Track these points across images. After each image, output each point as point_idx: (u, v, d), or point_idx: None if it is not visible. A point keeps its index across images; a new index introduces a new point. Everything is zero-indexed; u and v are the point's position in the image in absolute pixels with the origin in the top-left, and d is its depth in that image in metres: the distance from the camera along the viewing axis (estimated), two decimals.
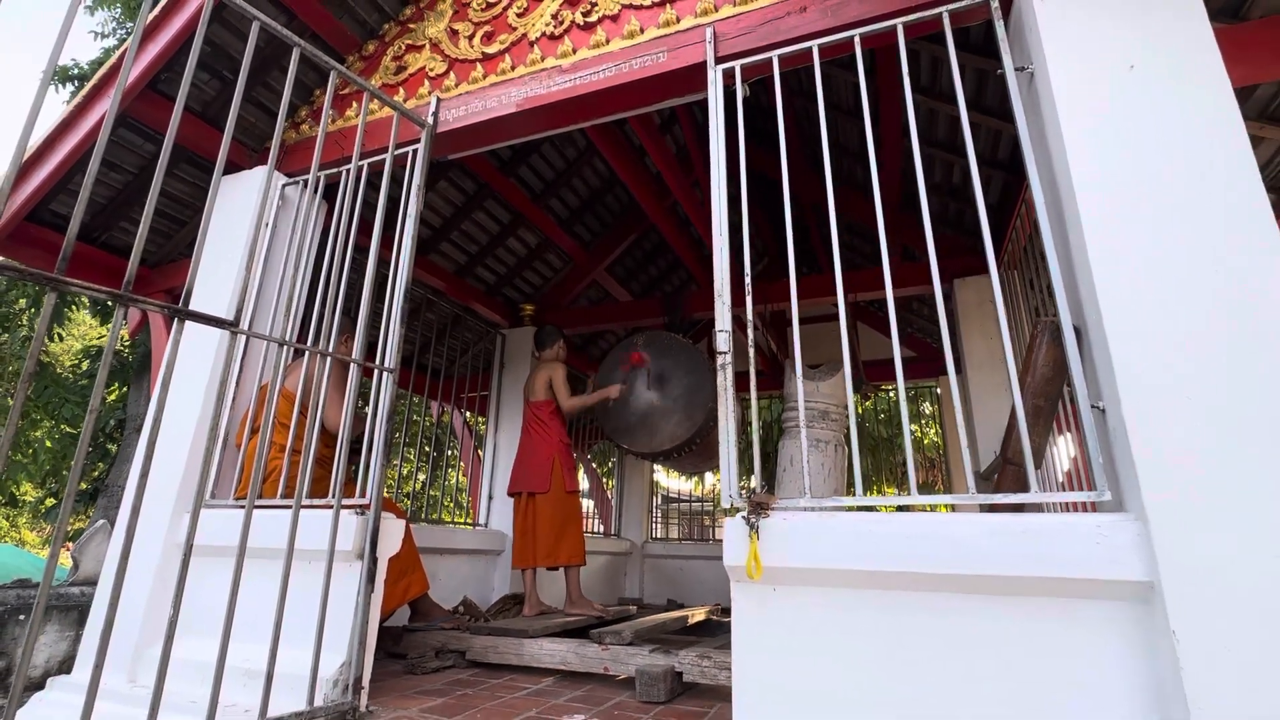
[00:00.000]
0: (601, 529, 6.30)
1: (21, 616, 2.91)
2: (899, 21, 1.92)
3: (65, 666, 2.93)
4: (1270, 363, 1.26)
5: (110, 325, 1.48)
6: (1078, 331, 1.55)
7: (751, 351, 1.80)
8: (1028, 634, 1.35)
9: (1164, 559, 1.22)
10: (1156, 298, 1.38)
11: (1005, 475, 1.64)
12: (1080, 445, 1.69)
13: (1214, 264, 1.35)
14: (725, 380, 1.77)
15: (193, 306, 1.59)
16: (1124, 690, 1.26)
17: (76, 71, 6.73)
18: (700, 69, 2.23)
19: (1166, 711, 1.21)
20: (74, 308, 7.52)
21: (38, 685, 2.55)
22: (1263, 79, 1.73)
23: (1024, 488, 1.48)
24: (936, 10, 1.88)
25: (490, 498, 4.66)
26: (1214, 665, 1.14)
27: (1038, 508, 1.71)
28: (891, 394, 8.00)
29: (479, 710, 2.05)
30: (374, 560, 2.03)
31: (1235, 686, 1.13)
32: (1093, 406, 1.46)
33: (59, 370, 7.45)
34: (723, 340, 1.78)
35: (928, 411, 9.25)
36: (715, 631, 3.76)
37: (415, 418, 6.55)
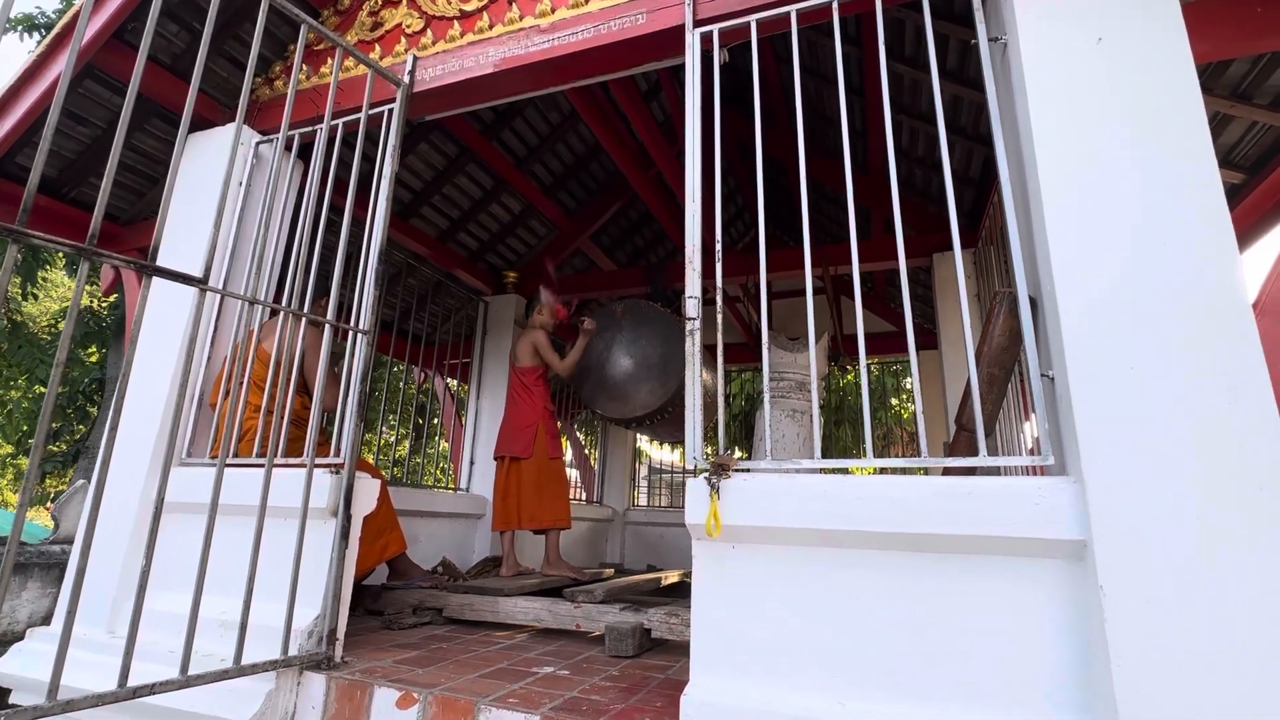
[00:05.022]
0: (584, 496, 6.39)
1: None
2: None
3: (47, 622, 2.98)
4: (1205, 342, 1.31)
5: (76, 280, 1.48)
6: (1035, 302, 1.59)
7: (719, 319, 1.83)
8: (971, 589, 1.42)
9: (1096, 519, 1.28)
10: (1106, 271, 1.42)
11: (959, 441, 1.70)
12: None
13: (1161, 241, 1.39)
14: (693, 347, 1.80)
15: (167, 264, 1.58)
16: (1056, 641, 1.34)
17: (43, 20, 6.48)
18: (679, 32, 2.20)
19: (1091, 659, 1.28)
20: (48, 267, 7.38)
21: (19, 638, 2.60)
22: (1225, 55, 1.74)
23: (974, 452, 1.54)
24: None
25: (471, 463, 4.70)
26: (1134, 616, 1.21)
27: (996, 473, 1.77)
28: (871, 367, 8.10)
29: (453, 662, 2.12)
30: (348, 518, 2.07)
31: (1152, 636, 1.20)
32: (1042, 375, 1.51)
33: (34, 331, 7.34)
34: (691, 307, 1.80)
35: (909, 385, 9.39)
36: (688, 593, 3.87)
37: (398, 385, 6.55)
